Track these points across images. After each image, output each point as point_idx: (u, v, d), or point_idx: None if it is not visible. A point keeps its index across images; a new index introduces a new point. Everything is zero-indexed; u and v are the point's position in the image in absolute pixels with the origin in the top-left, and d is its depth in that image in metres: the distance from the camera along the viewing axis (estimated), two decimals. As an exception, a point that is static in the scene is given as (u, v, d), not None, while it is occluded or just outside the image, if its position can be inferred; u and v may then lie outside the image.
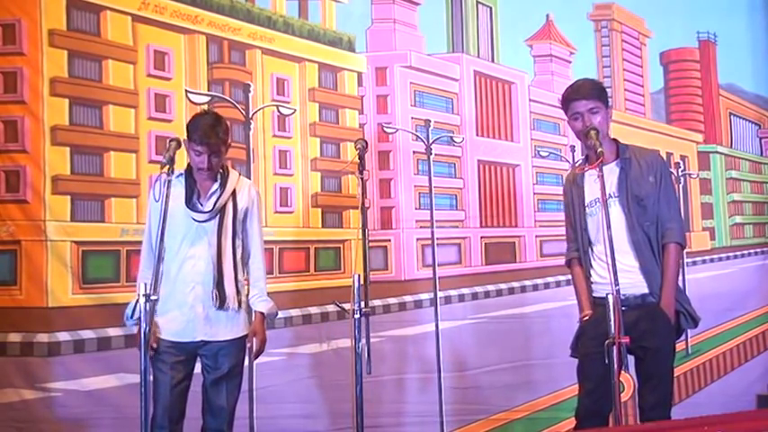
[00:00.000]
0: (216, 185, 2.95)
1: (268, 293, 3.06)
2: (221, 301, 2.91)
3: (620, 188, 2.84)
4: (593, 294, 2.89)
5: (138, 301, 2.65)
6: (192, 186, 2.95)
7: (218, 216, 2.94)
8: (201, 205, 2.94)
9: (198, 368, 3.01)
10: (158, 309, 2.84)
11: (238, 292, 2.96)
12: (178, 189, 2.90)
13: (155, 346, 2.88)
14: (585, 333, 2.86)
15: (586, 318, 2.88)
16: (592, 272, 2.90)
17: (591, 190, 2.87)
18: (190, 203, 2.92)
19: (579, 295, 2.94)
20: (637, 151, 2.96)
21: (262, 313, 3.01)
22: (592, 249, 2.90)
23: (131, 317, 2.86)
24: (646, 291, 2.80)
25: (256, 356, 3.03)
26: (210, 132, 2.89)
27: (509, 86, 4.91)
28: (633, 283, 2.77)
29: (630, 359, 2.67)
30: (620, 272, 2.65)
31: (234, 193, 2.98)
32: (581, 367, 2.87)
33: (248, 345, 2.99)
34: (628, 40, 5.16)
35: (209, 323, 2.93)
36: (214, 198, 2.94)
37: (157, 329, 2.89)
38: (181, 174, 2.96)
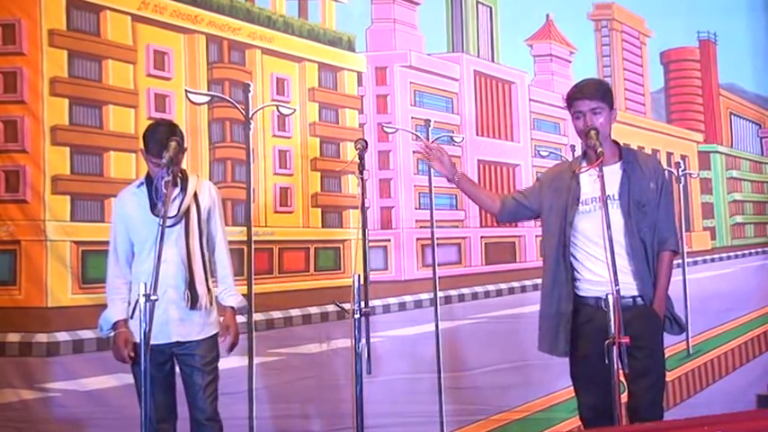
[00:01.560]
0: (177, 190, 3.01)
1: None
2: (193, 302, 2.97)
3: (621, 191, 2.84)
4: (581, 294, 2.89)
5: (136, 304, 2.66)
6: (154, 194, 2.97)
7: (183, 219, 3.00)
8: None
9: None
10: (132, 314, 2.90)
11: (209, 291, 3.04)
12: (140, 197, 3.00)
13: (132, 354, 2.94)
14: (581, 336, 2.86)
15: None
16: (582, 269, 2.89)
17: (588, 188, 2.87)
18: (154, 210, 2.95)
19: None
20: (639, 156, 2.97)
21: (232, 308, 3.09)
22: (581, 248, 2.89)
23: (109, 328, 2.96)
24: (636, 293, 2.82)
25: (230, 350, 3.09)
26: (168, 142, 2.92)
27: (509, 86, 4.90)
28: (625, 285, 2.76)
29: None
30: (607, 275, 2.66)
31: (195, 196, 3.04)
32: (580, 369, 2.88)
33: (221, 339, 3.05)
34: (628, 39, 5.16)
35: (182, 324, 2.99)
36: (177, 202, 3.00)
37: (132, 334, 2.95)
38: (141, 183, 3.04)
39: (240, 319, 3.22)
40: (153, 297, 2.66)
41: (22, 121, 3.88)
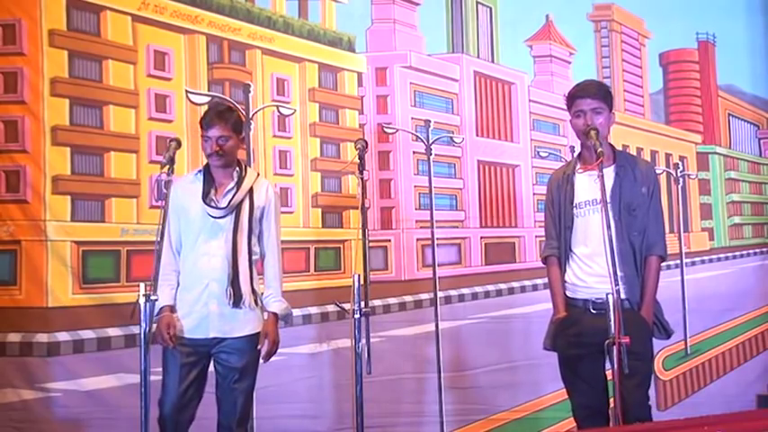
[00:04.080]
0: (232, 183, 2.95)
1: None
2: (236, 299, 2.88)
3: (612, 195, 2.83)
4: (568, 295, 2.91)
5: (155, 299, 2.65)
6: (209, 183, 2.95)
7: (234, 213, 2.92)
8: (218, 201, 2.93)
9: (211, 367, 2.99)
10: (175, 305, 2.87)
11: (253, 291, 2.94)
12: (196, 186, 2.94)
13: (174, 339, 2.85)
14: (566, 336, 2.88)
15: (559, 318, 2.90)
16: (570, 272, 2.91)
17: (584, 191, 2.88)
18: (206, 199, 2.91)
19: (555, 296, 2.95)
20: (632, 160, 2.99)
21: (275, 314, 2.97)
22: (572, 250, 2.91)
23: (156, 313, 2.84)
24: (624, 296, 2.78)
25: (267, 358, 2.97)
26: (216, 117, 2.92)
27: (509, 87, 4.91)
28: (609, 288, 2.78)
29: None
30: (600, 276, 2.70)
31: (251, 191, 2.97)
32: (570, 370, 2.91)
33: (259, 347, 2.94)
34: (627, 40, 5.17)
35: (222, 320, 2.90)
36: (230, 195, 2.94)
37: (177, 321, 2.87)
38: (200, 171, 3.00)
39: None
40: (153, 297, 2.65)
41: (22, 121, 3.88)
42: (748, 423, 2.17)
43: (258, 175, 3.08)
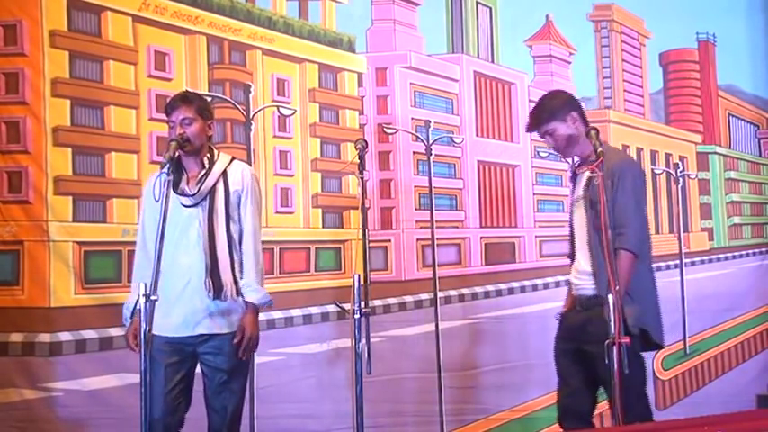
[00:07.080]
0: (204, 170, 2.84)
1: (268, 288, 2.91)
2: (216, 291, 2.76)
3: (585, 191, 2.87)
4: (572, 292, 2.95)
5: (137, 300, 2.51)
6: (179, 173, 2.81)
7: (207, 199, 2.79)
8: (189, 190, 2.81)
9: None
10: (133, 313, 2.72)
11: (236, 281, 2.80)
12: (165, 179, 2.76)
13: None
14: (558, 333, 2.93)
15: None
16: (572, 269, 2.95)
17: (576, 188, 2.96)
18: (177, 189, 2.77)
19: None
20: (606, 154, 2.93)
21: (252, 304, 2.81)
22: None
23: (131, 317, 2.79)
24: (594, 293, 2.76)
25: (244, 354, 2.80)
26: (179, 100, 2.84)
27: (509, 87, 4.92)
28: (584, 284, 2.81)
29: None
30: (582, 272, 2.80)
31: (225, 175, 2.83)
32: (557, 367, 2.93)
33: (235, 341, 2.78)
34: (627, 40, 5.17)
35: (208, 315, 2.79)
36: (201, 181, 2.82)
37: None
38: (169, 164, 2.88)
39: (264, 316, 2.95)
40: (153, 297, 2.57)
41: (24, 121, 3.89)
42: (748, 423, 2.17)
43: (233, 158, 2.92)
